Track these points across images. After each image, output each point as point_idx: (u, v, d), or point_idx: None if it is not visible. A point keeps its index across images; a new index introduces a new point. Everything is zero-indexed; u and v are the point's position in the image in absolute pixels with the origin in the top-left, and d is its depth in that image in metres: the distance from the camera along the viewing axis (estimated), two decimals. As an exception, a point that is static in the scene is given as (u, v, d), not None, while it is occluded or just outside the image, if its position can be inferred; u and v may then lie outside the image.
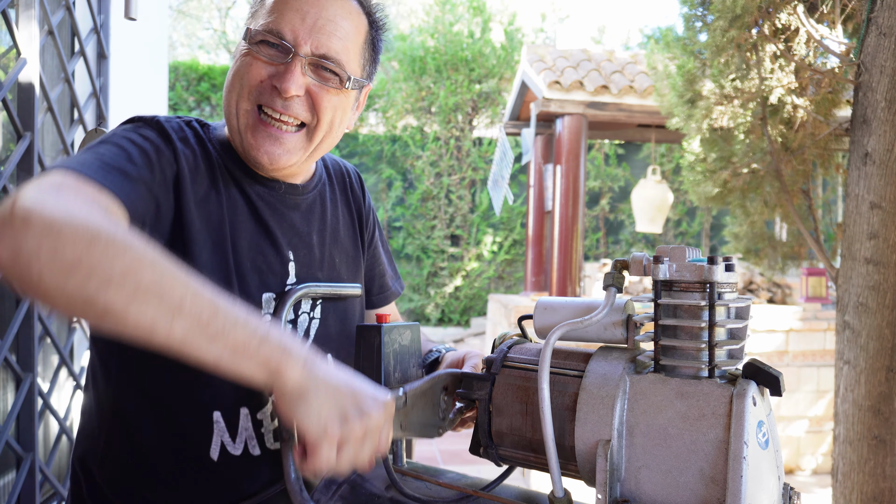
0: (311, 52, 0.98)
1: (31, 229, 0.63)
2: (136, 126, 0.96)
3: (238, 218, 1.01)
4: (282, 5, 0.98)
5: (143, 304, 0.65)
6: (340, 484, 0.97)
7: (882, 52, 2.33)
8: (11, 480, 1.84)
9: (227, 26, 17.45)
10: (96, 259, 0.64)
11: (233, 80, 1.00)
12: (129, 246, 0.67)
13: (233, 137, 1.02)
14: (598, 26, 19.41)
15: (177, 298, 0.67)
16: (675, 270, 0.70)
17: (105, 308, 0.65)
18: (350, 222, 1.21)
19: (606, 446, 0.70)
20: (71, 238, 0.64)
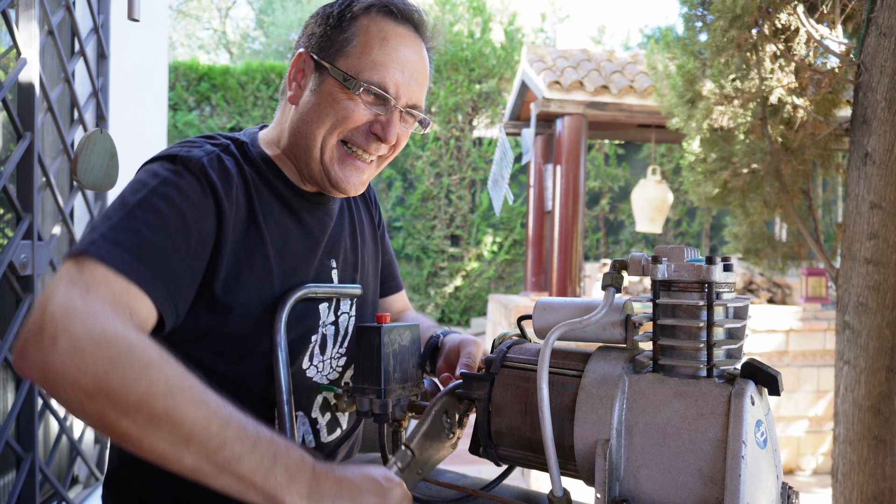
0: (405, 104, 1.05)
1: (57, 351, 0.68)
2: (177, 175, 0.92)
3: (288, 238, 1.05)
4: (384, 58, 1.01)
5: (155, 434, 0.69)
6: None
7: (882, 52, 2.33)
8: (11, 480, 1.85)
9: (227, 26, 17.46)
10: (114, 387, 0.68)
11: (324, 115, 1.02)
12: (146, 370, 0.70)
13: (308, 165, 1.05)
14: (598, 26, 19.41)
15: (186, 430, 0.70)
16: (674, 270, 0.70)
17: (122, 435, 0.70)
18: (369, 217, 1.28)
19: (605, 446, 0.70)
20: (92, 364, 0.68)
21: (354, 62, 1.01)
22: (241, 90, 9.39)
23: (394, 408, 0.92)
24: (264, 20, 17.34)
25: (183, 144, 0.99)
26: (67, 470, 2.17)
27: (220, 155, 0.99)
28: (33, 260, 1.75)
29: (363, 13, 1.03)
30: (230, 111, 9.39)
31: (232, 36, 17.98)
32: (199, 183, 0.93)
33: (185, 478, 1.01)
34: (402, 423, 0.95)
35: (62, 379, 0.68)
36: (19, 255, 1.70)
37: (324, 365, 1.10)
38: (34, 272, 1.76)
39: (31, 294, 1.75)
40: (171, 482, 1.03)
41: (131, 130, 2.67)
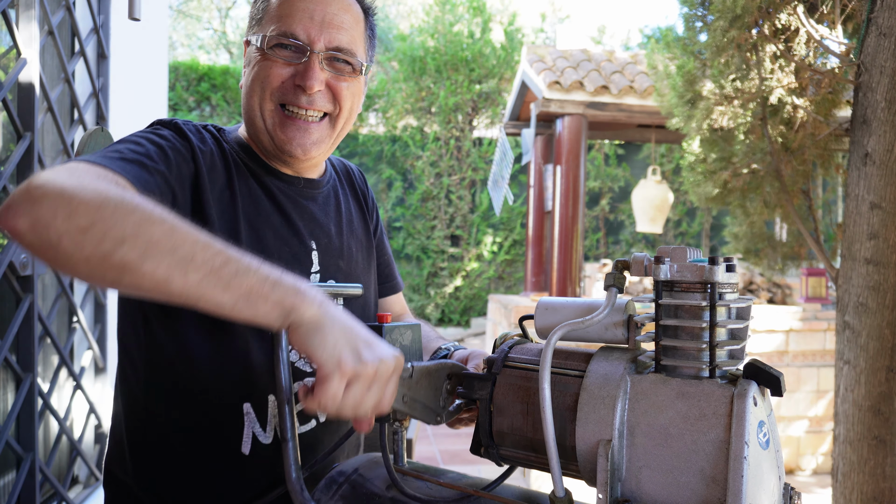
0: (325, 48, 1.04)
1: (46, 198, 0.66)
2: (155, 127, 1.01)
3: (261, 211, 1.06)
4: (288, 8, 1.03)
5: (156, 257, 0.67)
6: (341, 483, 0.97)
7: (882, 53, 2.33)
8: (11, 480, 1.84)
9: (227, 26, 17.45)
10: (108, 219, 0.66)
11: (252, 84, 1.06)
12: (138, 205, 0.69)
13: (259, 137, 1.08)
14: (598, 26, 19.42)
15: (188, 250, 0.68)
16: (676, 271, 0.70)
17: (121, 265, 0.67)
18: (360, 214, 1.27)
19: (607, 446, 0.70)
20: (84, 202, 0.67)
21: (265, 25, 1.05)
22: (240, 90, 9.39)
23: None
24: (264, 20, 17.28)
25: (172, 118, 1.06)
26: (67, 470, 2.17)
27: (195, 125, 1.06)
28: (33, 260, 1.75)
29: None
30: (230, 111, 9.38)
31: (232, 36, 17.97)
32: (176, 132, 1.01)
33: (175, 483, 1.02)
34: (402, 423, 0.95)
35: (52, 224, 0.66)
36: (19, 255, 1.70)
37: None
38: (34, 272, 1.76)
39: (31, 294, 1.75)
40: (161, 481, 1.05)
41: (131, 130, 2.67)
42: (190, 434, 1.03)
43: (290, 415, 0.95)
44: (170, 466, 1.04)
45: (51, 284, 2.08)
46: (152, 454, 1.05)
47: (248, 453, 1.03)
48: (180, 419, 1.03)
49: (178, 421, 1.03)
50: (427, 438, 5.12)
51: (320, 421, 1.12)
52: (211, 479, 1.04)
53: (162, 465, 1.05)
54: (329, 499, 0.95)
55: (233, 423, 1.02)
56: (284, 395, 0.95)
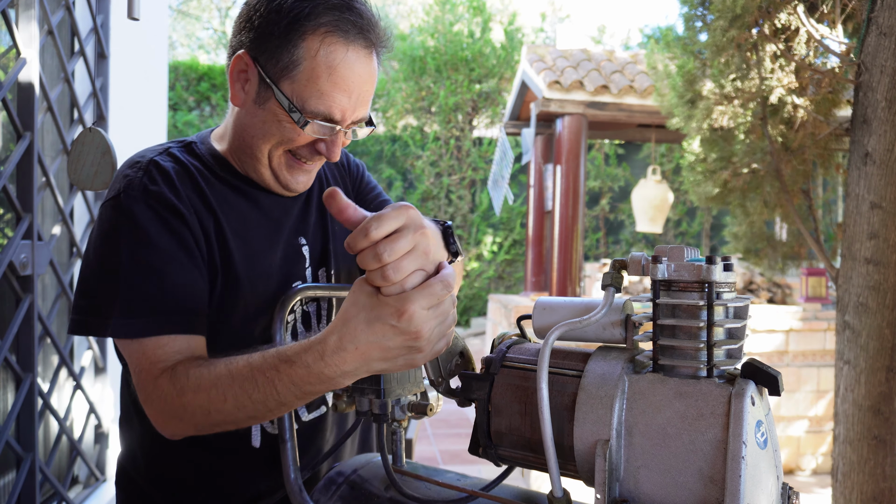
0: (352, 122, 1.03)
1: (171, 426, 0.91)
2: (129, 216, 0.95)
3: (247, 221, 1.06)
4: (331, 88, 0.97)
5: (242, 425, 0.89)
6: (340, 484, 0.97)
7: (882, 52, 2.33)
8: (11, 480, 1.84)
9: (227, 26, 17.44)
10: (207, 423, 0.88)
11: (268, 135, 1.01)
12: (211, 402, 0.85)
13: (258, 170, 1.06)
14: (598, 26, 19.40)
15: (248, 414, 0.85)
16: (674, 270, 0.70)
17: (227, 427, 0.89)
18: (340, 182, 1.25)
19: (605, 446, 0.70)
20: (182, 421, 0.89)
21: (300, 89, 0.97)
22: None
23: (393, 408, 0.92)
24: (264, 20, 17.28)
25: (124, 168, 1.01)
26: (67, 470, 2.17)
27: (156, 161, 1.00)
28: (33, 260, 1.75)
29: (311, 32, 0.96)
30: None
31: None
32: (150, 207, 0.96)
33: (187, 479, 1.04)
34: (401, 423, 0.95)
35: (183, 434, 0.92)
36: (19, 255, 1.70)
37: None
38: (34, 272, 1.76)
39: (30, 294, 1.75)
40: (173, 483, 1.06)
41: (131, 130, 2.67)
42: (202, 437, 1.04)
43: (289, 416, 0.95)
44: (183, 464, 1.06)
45: (51, 284, 2.08)
46: (165, 453, 1.06)
47: (259, 446, 1.05)
48: None
49: None
50: (427, 438, 5.12)
51: (329, 405, 1.12)
52: (224, 475, 1.05)
53: (175, 464, 1.06)
54: (328, 499, 0.95)
55: None
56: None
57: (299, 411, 1.09)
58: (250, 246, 1.04)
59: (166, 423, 0.90)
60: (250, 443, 1.05)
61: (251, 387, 0.81)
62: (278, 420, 0.95)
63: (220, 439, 1.03)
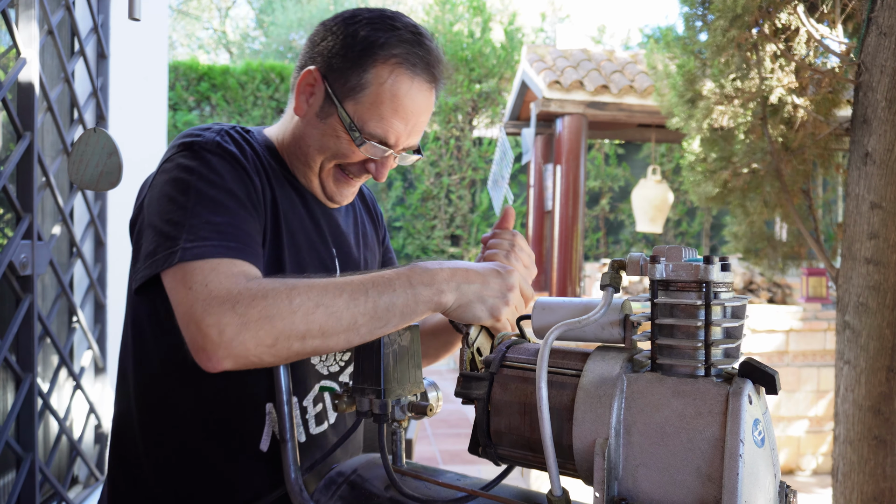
0: (403, 148, 1.09)
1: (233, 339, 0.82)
2: (204, 162, 0.98)
3: (296, 215, 1.10)
4: (391, 114, 1.04)
5: (333, 336, 0.86)
6: (340, 484, 0.98)
7: (882, 52, 2.33)
8: (11, 480, 1.85)
9: (227, 26, 17.46)
10: (284, 329, 0.83)
11: (324, 147, 1.07)
12: (294, 302, 0.84)
13: (308, 176, 1.11)
14: (598, 26, 19.41)
15: (349, 316, 0.86)
16: (672, 270, 0.71)
17: (313, 351, 0.86)
18: (372, 226, 1.32)
19: (604, 445, 0.70)
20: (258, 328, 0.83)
21: (363, 111, 1.03)
22: (241, 90, 9.40)
23: (394, 408, 0.92)
24: (264, 20, 17.33)
25: (190, 134, 1.03)
26: (67, 470, 2.17)
27: (227, 131, 1.06)
28: (33, 260, 1.75)
29: (383, 61, 1.02)
30: (230, 111, 9.39)
31: (232, 36, 17.98)
32: (224, 160, 1.00)
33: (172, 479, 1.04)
34: (401, 424, 0.95)
35: (248, 350, 0.83)
36: (19, 255, 1.70)
37: (328, 355, 1.11)
38: (34, 272, 1.76)
39: (30, 294, 1.75)
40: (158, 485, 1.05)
41: (131, 130, 2.67)
42: (211, 433, 1.04)
43: (289, 416, 0.95)
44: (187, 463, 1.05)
45: (51, 284, 2.08)
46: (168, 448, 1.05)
47: (267, 450, 1.05)
48: (203, 418, 1.04)
49: (199, 419, 1.04)
50: (427, 438, 5.12)
51: (331, 423, 1.13)
52: (228, 474, 1.05)
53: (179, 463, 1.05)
54: (328, 499, 0.96)
55: (255, 423, 1.04)
56: (283, 396, 0.95)
57: (308, 424, 1.10)
58: (295, 237, 1.08)
59: (243, 328, 0.82)
60: (258, 446, 1.05)
61: (370, 284, 0.87)
62: (278, 421, 0.95)
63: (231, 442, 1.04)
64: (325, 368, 1.11)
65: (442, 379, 6.85)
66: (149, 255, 0.93)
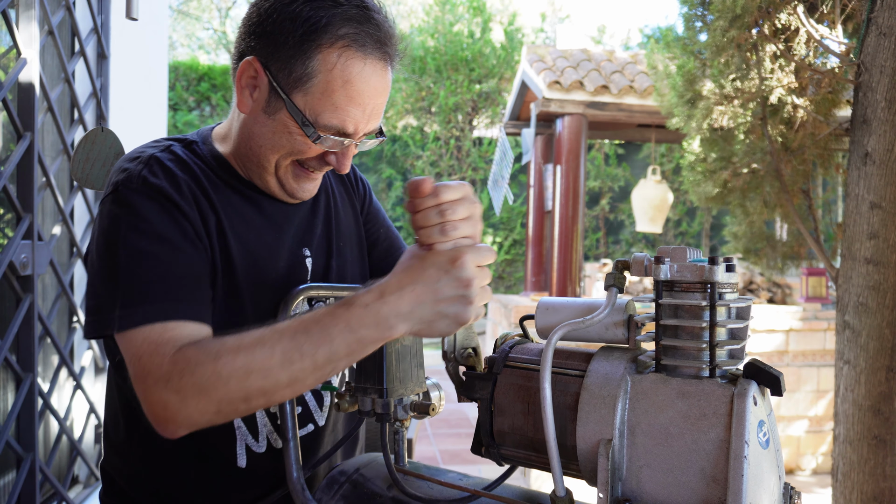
0: (363, 134, 1.00)
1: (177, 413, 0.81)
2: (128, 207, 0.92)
3: (250, 227, 1.03)
4: (345, 101, 0.94)
5: (278, 393, 0.81)
6: (342, 483, 0.98)
7: (882, 52, 2.33)
8: (11, 480, 1.84)
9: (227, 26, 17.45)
10: (226, 396, 0.80)
11: (277, 146, 0.98)
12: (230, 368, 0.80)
13: (263, 177, 1.03)
14: (598, 26, 19.41)
15: (288, 379, 0.80)
16: (676, 271, 0.70)
17: (259, 407, 0.83)
18: (347, 198, 1.22)
19: (608, 446, 0.70)
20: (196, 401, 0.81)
21: (314, 102, 0.94)
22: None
23: (396, 407, 0.92)
24: (264, 20, 17.25)
25: (123, 162, 0.98)
26: (67, 470, 2.17)
27: (157, 156, 0.98)
28: (33, 260, 1.75)
29: (328, 45, 0.92)
30: (230, 111, 9.39)
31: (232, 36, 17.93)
32: (151, 200, 0.93)
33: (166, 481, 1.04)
34: (403, 423, 0.95)
35: (197, 419, 0.81)
36: (19, 255, 1.70)
37: None
38: (34, 272, 1.76)
39: (30, 294, 1.75)
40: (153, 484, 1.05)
41: (131, 130, 2.67)
42: (187, 454, 1.02)
43: (292, 415, 0.95)
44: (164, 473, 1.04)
45: (51, 284, 2.08)
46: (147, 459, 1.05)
47: (245, 466, 1.03)
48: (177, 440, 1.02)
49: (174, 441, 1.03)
50: (427, 438, 5.12)
51: (319, 425, 1.12)
52: (212, 495, 1.04)
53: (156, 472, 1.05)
54: (330, 498, 0.96)
55: (226, 439, 1.02)
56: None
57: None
58: (252, 252, 1.02)
59: (183, 404, 0.80)
60: (236, 463, 1.03)
61: (303, 338, 0.79)
62: (281, 421, 0.95)
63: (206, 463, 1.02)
64: None
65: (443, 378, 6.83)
66: (93, 311, 0.92)
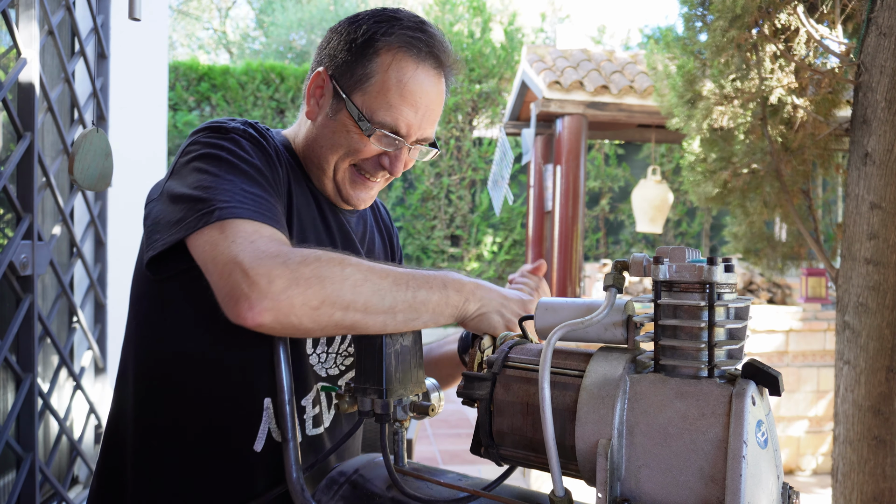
0: (416, 140, 1.08)
1: (279, 289, 0.80)
2: (233, 141, 0.99)
3: (309, 214, 1.10)
4: (399, 101, 1.04)
5: (373, 315, 0.86)
6: (342, 483, 0.98)
7: (882, 52, 2.33)
8: (11, 480, 1.85)
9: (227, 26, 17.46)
10: (330, 294, 0.83)
11: (336, 145, 1.07)
12: (344, 271, 0.85)
13: (322, 180, 1.11)
14: (598, 26, 19.42)
15: (391, 300, 0.87)
16: (675, 271, 0.71)
17: (351, 326, 0.86)
18: (382, 248, 1.31)
19: (607, 446, 0.70)
20: (307, 285, 0.82)
21: (370, 101, 1.04)
22: (241, 90, 9.39)
23: (396, 408, 0.92)
24: (264, 20, 17.33)
25: (215, 121, 1.04)
26: (67, 470, 2.17)
27: (252, 123, 1.08)
28: (33, 260, 1.75)
29: (385, 49, 1.03)
30: (230, 111, 9.38)
31: (232, 36, 17.97)
32: (253, 143, 1.01)
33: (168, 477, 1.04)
34: (403, 423, 0.95)
35: (293, 307, 0.81)
36: (19, 255, 1.70)
37: (327, 357, 1.10)
38: (34, 272, 1.76)
39: (31, 294, 1.75)
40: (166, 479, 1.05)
41: (131, 130, 2.67)
42: (205, 431, 1.03)
43: (291, 415, 0.95)
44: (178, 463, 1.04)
45: (51, 284, 2.08)
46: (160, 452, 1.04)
47: (261, 451, 1.04)
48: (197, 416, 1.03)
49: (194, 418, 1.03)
50: (427, 438, 5.12)
51: (325, 426, 1.12)
52: (219, 477, 1.04)
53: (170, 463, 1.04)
54: (329, 499, 0.96)
55: (251, 420, 1.03)
56: (285, 395, 0.95)
57: (305, 424, 1.09)
58: (306, 236, 1.08)
59: (293, 282, 0.80)
60: (253, 446, 1.04)
61: (410, 277, 0.89)
62: (280, 420, 0.95)
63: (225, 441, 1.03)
64: (325, 371, 1.11)
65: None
66: (176, 222, 0.90)
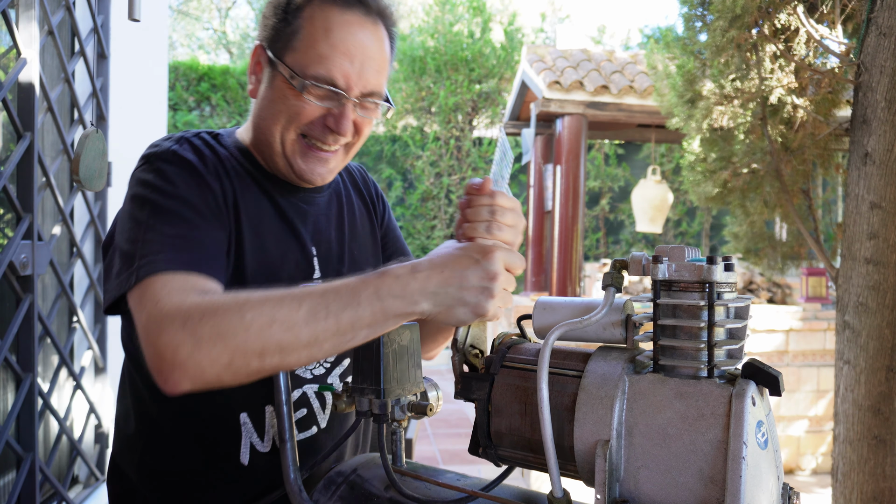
0: (360, 93, 1.01)
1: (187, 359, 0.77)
2: (159, 173, 0.96)
3: (263, 217, 1.05)
4: (328, 47, 0.97)
5: (294, 353, 0.79)
6: (340, 484, 0.97)
7: (882, 52, 2.33)
8: (11, 480, 1.84)
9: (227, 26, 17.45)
10: (240, 347, 0.78)
11: (277, 114, 1.01)
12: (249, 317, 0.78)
13: (273, 159, 1.06)
14: (598, 26, 19.41)
15: (307, 337, 0.79)
16: (674, 270, 0.70)
17: (273, 369, 0.81)
18: (365, 212, 1.25)
19: (605, 446, 0.70)
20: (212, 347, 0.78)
21: (300, 57, 0.98)
22: (241, 90, 9.39)
23: (393, 408, 0.92)
24: (264, 20, 17.26)
25: (151, 146, 1.02)
26: (67, 470, 2.17)
27: (187, 138, 1.03)
28: (33, 260, 1.75)
29: (307, 2, 0.99)
30: (230, 111, 9.38)
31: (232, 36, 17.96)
32: (179, 168, 0.97)
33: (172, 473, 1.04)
34: (401, 423, 0.94)
35: (203, 370, 0.77)
36: (19, 255, 1.70)
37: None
38: (34, 272, 1.76)
39: (31, 294, 1.75)
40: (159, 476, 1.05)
41: (131, 130, 2.67)
42: (191, 445, 1.04)
43: (288, 416, 0.95)
44: (174, 473, 1.06)
45: (51, 284, 2.08)
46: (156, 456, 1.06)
47: (247, 463, 1.04)
48: (183, 429, 1.04)
49: (180, 430, 1.04)
50: (427, 438, 5.12)
51: (321, 427, 1.12)
52: (211, 489, 1.05)
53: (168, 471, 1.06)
54: (327, 499, 0.95)
55: (231, 434, 1.03)
56: (282, 396, 0.95)
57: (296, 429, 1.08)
58: (263, 241, 1.04)
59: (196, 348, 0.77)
60: (239, 459, 1.04)
61: (332, 297, 0.79)
62: (277, 421, 0.95)
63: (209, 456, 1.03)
64: (309, 372, 1.10)
65: (442, 378, 6.84)
66: (116, 275, 0.92)
